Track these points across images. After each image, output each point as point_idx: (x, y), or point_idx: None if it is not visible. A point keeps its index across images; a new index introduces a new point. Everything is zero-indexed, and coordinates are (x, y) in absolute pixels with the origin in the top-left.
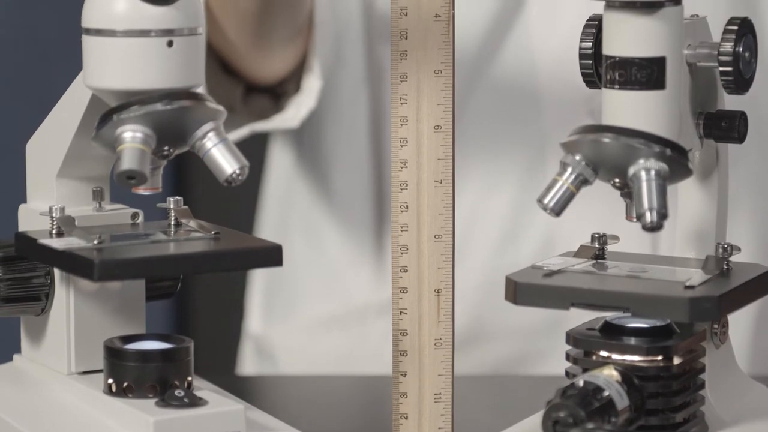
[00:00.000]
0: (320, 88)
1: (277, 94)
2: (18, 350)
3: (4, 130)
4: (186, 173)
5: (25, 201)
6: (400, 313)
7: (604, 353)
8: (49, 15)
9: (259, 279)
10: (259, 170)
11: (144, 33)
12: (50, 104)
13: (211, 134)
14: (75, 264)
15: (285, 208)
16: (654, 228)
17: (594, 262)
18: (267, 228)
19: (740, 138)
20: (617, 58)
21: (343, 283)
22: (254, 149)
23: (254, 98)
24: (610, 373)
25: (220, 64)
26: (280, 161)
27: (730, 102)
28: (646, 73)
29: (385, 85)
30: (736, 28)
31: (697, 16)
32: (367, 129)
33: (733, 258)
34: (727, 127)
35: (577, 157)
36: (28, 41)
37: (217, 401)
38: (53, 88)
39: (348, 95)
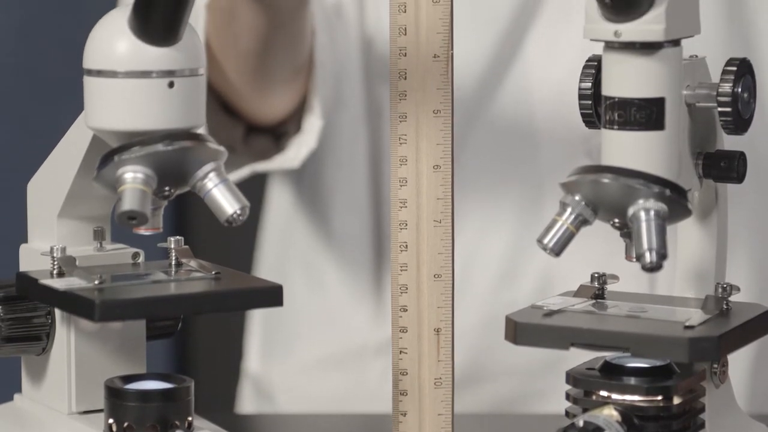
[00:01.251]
0: (321, 128)
1: (278, 134)
2: (19, 390)
3: (6, 170)
4: (186, 212)
5: (26, 241)
6: (400, 352)
7: (604, 393)
8: (51, 54)
9: (258, 318)
10: (259, 209)
11: (145, 74)
12: (51, 144)
13: (211, 174)
14: (76, 304)
15: (284, 246)
16: (653, 268)
17: (594, 301)
18: (266, 266)
19: (739, 178)
20: (616, 99)
21: (342, 322)
22: (254, 188)
23: (255, 138)
24: (610, 413)
25: (221, 104)
26: (279, 200)
27: (729, 142)
28: (645, 114)
29: (385, 125)
30: (735, 68)
31: (696, 56)
32: (366, 168)
33: (733, 298)
34: (726, 167)
35: (577, 197)
36: (30, 81)
37: None
38: (55, 128)
39: (347, 135)
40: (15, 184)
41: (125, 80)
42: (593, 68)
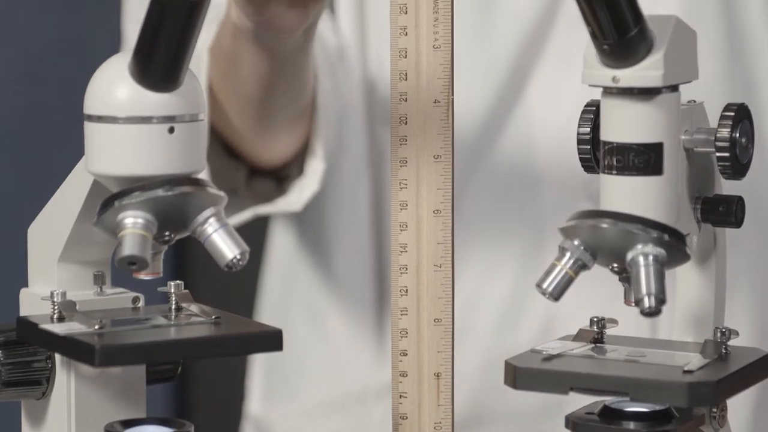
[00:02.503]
0: (323, 172)
1: (281, 177)
2: None
3: (6, 214)
4: (186, 256)
5: (26, 285)
6: (400, 396)
7: None
8: (52, 99)
9: (259, 361)
10: (261, 251)
11: (145, 120)
12: (52, 189)
13: (212, 220)
14: (76, 349)
15: (286, 289)
16: (652, 313)
17: (593, 345)
18: (268, 309)
19: (737, 223)
20: (615, 144)
21: (343, 365)
22: (256, 231)
23: (258, 181)
24: None
25: (224, 147)
26: (281, 243)
27: (727, 186)
28: (643, 159)
29: (387, 168)
30: (733, 114)
31: (695, 101)
32: (368, 211)
33: (732, 342)
34: (725, 212)
35: (576, 242)
36: (31, 125)
37: None
38: (55, 173)
39: (350, 178)
40: (16, 229)
41: (126, 126)
42: (592, 113)
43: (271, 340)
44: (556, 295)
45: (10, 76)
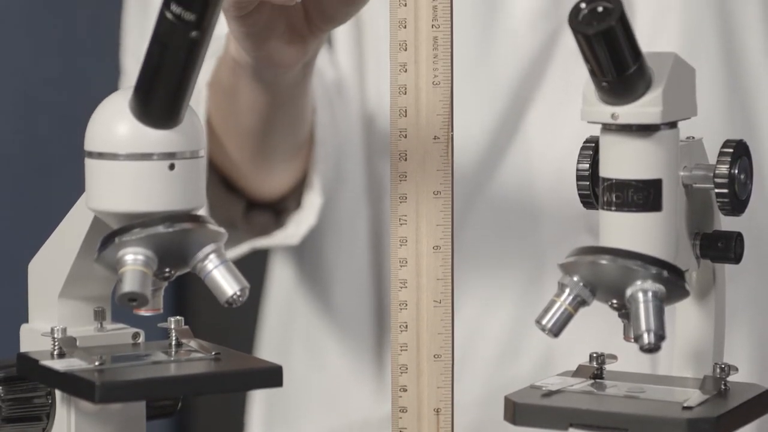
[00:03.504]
0: (321, 205)
1: (278, 210)
2: None
3: (7, 250)
4: (186, 292)
5: (26, 321)
6: (400, 431)
7: None
8: (52, 135)
9: (259, 394)
10: (260, 285)
11: (146, 156)
12: (53, 225)
13: (212, 256)
14: (76, 386)
15: (285, 323)
16: (651, 350)
17: (592, 381)
18: (267, 342)
19: (736, 259)
20: (614, 181)
21: (342, 399)
22: (255, 264)
23: (255, 214)
24: None
25: (222, 181)
26: (280, 276)
27: (726, 222)
28: (642, 196)
29: (385, 201)
30: (731, 150)
31: (693, 137)
32: (367, 245)
33: (731, 378)
34: (724, 248)
35: (575, 278)
36: (32, 161)
37: None
38: (56, 209)
39: (348, 211)
40: (16, 264)
41: (126, 162)
42: (591, 149)
43: (271, 377)
44: (556, 331)
45: (10, 110)
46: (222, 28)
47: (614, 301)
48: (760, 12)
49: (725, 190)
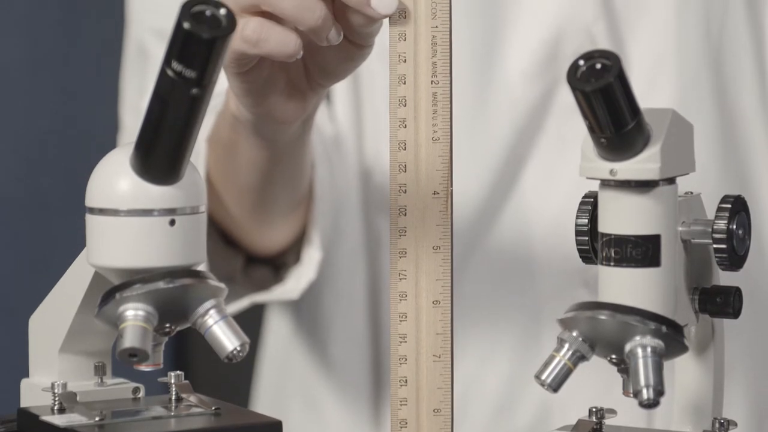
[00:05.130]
0: (320, 260)
1: (277, 264)
2: None
3: (8, 304)
4: (186, 346)
5: (27, 375)
6: None
7: None
8: (53, 191)
9: None
10: (257, 338)
11: (147, 212)
12: (53, 279)
13: (212, 311)
14: None
15: (282, 376)
16: (651, 405)
17: None
18: (264, 396)
19: (735, 314)
20: (613, 236)
21: None
22: (252, 317)
23: (254, 269)
24: None
25: (221, 235)
26: (277, 330)
27: (725, 276)
28: (641, 251)
29: (384, 256)
30: (729, 206)
31: (692, 193)
32: (365, 299)
33: None
34: (723, 303)
35: (574, 334)
36: (33, 217)
37: None
38: (57, 264)
39: (346, 265)
40: (17, 319)
41: (127, 218)
42: (589, 204)
43: (271, 431)
44: (555, 386)
45: (11, 164)
46: (222, 84)
47: (613, 356)
48: (754, 67)
49: (724, 246)
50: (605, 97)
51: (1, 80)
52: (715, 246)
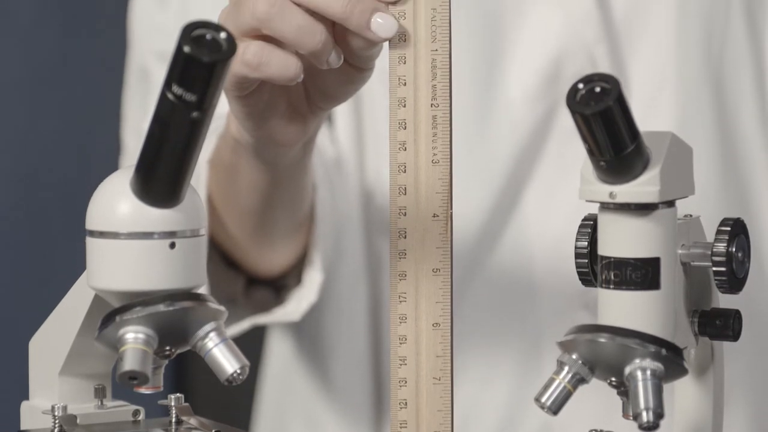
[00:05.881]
0: (321, 282)
1: (278, 286)
2: None
3: (8, 327)
4: (186, 369)
5: (27, 398)
6: None
7: None
8: (53, 213)
9: None
10: (258, 360)
11: (147, 235)
12: (54, 302)
13: (212, 334)
14: None
15: (283, 398)
16: (650, 428)
17: None
18: (266, 417)
19: (735, 336)
20: (612, 259)
21: None
22: (253, 339)
23: (255, 290)
24: None
25: (222, 257)
26: (278, 352)
27: (724, 298)
28: (640, 274)
29: (385, 277)
30: (729, 228)
31: (691, 216)
32: (366, 321)
33: None
34: (722, 326)
35: (574, 356)
36: (33, 240)
37: None
38: (57, 286)
39: (347, 287)
40: (17, 341)
41: (127, 241)
42: (589, 227)
43: None
44: (555, 409)
45: (11, 187)
46: (223, 106)
47: (613, 379)
48: (755, 88)
49: (723, 269)
50: (604, 121)
51: (1, 100)
52: (714, 269)
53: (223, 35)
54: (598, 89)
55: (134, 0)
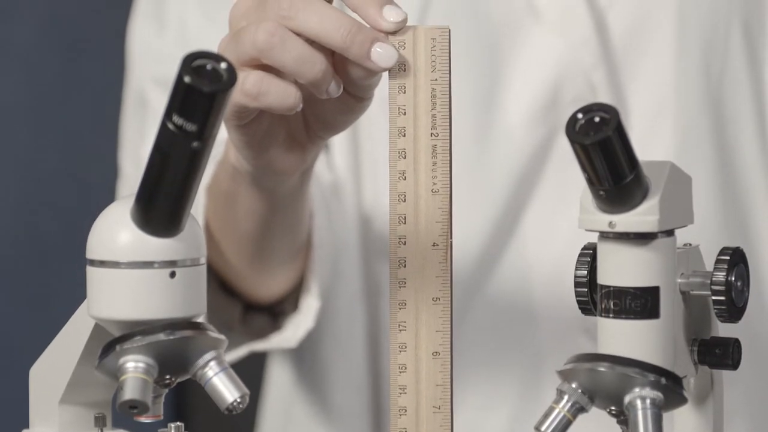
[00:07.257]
0: (318, 309)
1: (275, 313)
2: None
3: (8, 356)
4: (186, 397)
5: (27, 426)
6: None
7: None
8: (53, 242)
9: None
10: (258, 387)
11: (147, 265)
12: (54, 331)
13: (212, 363)
14: None
15: (284, 426)
16: None
17: None
18: None
19: (734, 365)
20: (612, 288)
21: None
22: (253, 366)
23: (253, 317)
24: None
25: (219, 284)
26: (278, 379)
27: (724, 327)
28: (640, 303)
29: (383, 303)
30: (728, 257)
31: (690, 245)
32: (364, 347)
33: None
34: (721, 354)
35: (574, 385)
36: (33, 268)
37: None
38: (57, 316)
39: (345, 313)
40: (17, 370)
41: (128, 271)
42: (588, 256)
43: None
44: None
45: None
46: (222, 133)
47: (613, 408)
48: (754, 115)
49: (722, 298)
50: (604, 151)
51: (2, 127)
52: (713, 298)
53: (223, 65)
54: (597, 119)
55: (133, 26)
